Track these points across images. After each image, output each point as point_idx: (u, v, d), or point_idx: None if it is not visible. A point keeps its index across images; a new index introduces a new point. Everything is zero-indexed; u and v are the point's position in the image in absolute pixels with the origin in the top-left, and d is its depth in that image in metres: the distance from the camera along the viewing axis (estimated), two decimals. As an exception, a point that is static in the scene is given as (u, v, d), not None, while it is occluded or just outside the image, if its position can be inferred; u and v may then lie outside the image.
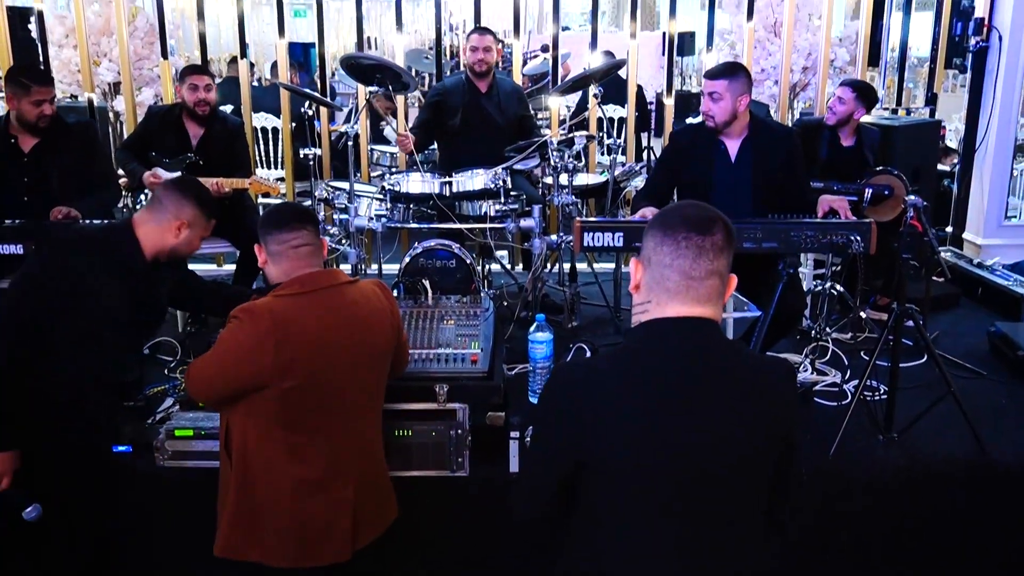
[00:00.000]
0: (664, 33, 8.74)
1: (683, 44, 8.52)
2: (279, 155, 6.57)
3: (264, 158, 6.61)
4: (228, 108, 5.72)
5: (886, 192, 4.04)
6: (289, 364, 2.24)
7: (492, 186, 4.14)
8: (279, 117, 6.24)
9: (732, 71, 3.62)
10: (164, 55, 5.50)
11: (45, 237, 2.73)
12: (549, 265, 4.74)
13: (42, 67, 5.39)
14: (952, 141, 6.95)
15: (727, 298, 1.75)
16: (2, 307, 2.55)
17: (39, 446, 2.55)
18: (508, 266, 5.29)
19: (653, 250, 1.68)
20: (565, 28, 10.02)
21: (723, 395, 1.63)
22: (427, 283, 3.49)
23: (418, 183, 4.18)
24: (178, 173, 4.26)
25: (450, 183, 4.17)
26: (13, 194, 3.87)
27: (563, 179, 4.27)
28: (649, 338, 1.68)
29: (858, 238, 3.25)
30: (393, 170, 5.59)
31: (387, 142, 6.59)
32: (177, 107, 4.44)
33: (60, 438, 2.60)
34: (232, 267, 5.38)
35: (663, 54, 8.94)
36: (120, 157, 4.43)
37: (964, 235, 5.76)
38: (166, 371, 3.88)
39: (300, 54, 8.21)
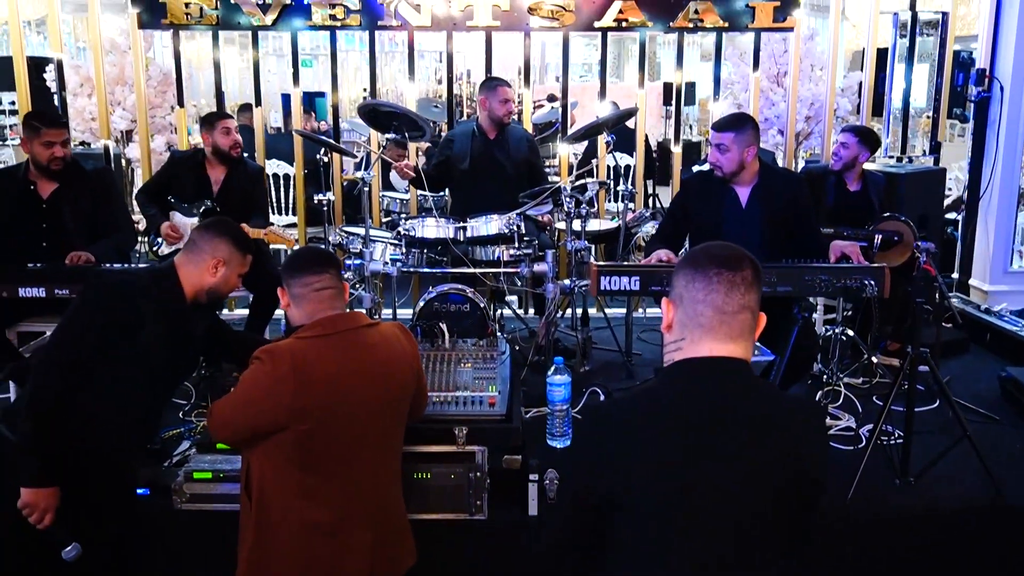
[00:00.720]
0: (664, 83, 8.93)
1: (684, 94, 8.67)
2: (290, 201, 6.64)
3: (276, 204, 6.68)
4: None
5: (895, 238, 4.09)
6: (307, 406, 2.26)
7: (507, 231, 4.18)
8: (290, 164, 6.35)
9: (739, 123, 3.68)
10: (180, 103, 5.59)
11: (93, 279, 2.74)
12: (560, 310, 4.77)
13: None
14: (952, 189, 7.04)
15: (757, 335, 1.77)
16: (52, 348, 2.57)
17: (67, 484, 2.54)
18: (519, 311, 5.32)
19: (685, 288, 1.72)
20: (559, 79, 10.16)
21: (753, 436, 1.64)
22: (444, 326, 3.52)
23: (433, 228, 4.23)
24: (196, 219, 4.32)
25: (465, 228, 4.22)
26: (32, 239, 3.92)
27: (575, 225, 4.32)
28: (682, 378, 1.71)
29: (872, 282, 3.29)
30: (403, 216, 5.67)
31: (395, 189, 6.67)
32: (199, 153, 4.51)
33: (85, 477, 2.60)
34: (243, 311, 5.43)
35: (663, 104, 9.14)
36: (140, 201, 4.50)
37: (970, 281, 5.81)
38: (180, 415, 3.89)
39: (305, 103, 8.34)
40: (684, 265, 1.75)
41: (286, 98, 7.71)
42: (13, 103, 6.11)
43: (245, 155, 4.62)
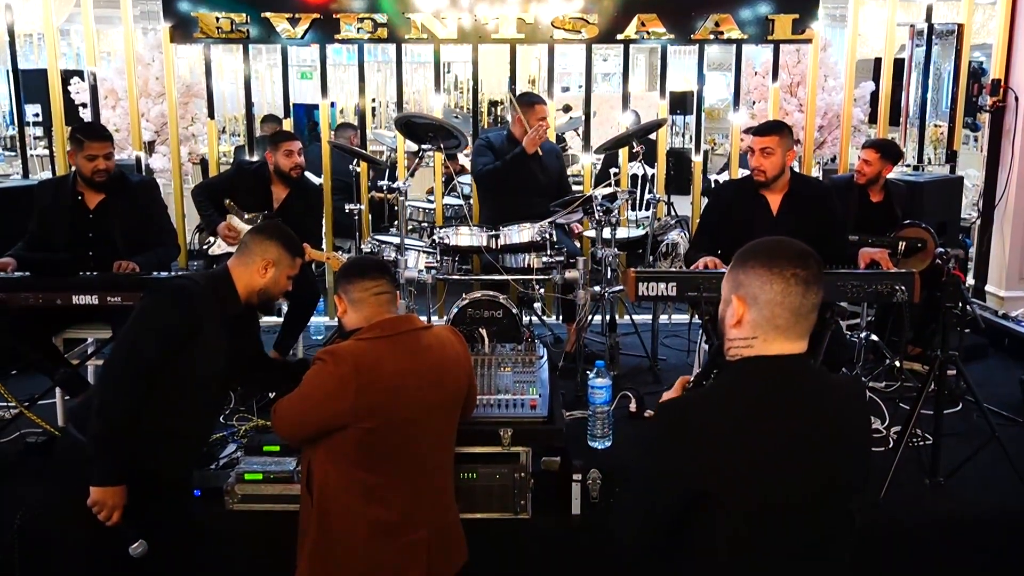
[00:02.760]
0: (671, 93, 9.02)
1: (686, 103, 8.78)
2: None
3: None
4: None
5: (919, 245, 4.19)
6: (368, 405, 2.34)
7: (539, 239, 4.28)
8: (316, 174, 6.45)
9: (781, 127, 3.79)
10: (211, 115, 5.70)
11: (153, 285, 2.81)
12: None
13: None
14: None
15: None
16: (120, 354, 2.63)
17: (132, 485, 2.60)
18: (544, 317, 5.41)
19: (760, 288, 1.71)
20: (565, 89, 10.31)
21: (829, 427, 1.70)
22: (484, 332, 3.60)
23: (467, 236, 4.33)
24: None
25: (497, 236, 4.31)
26: (79, 248, 4.01)
27: (606, 232, 4.42)
28: (758, 376, 1.72)
29: (902, 288, 3.37)
30: (426, 224, 5.77)
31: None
32: (265, 168, 4.63)
33: (147, 480, 2.66)
34: (272, 318, 5.51)
35: (669, 113, 9.25)
36: (198, 199, 4.60)
37: (986, 288, 5.91)
38: (222, 419, 3.97)
39: (304, 115, 8.39)
40: (755, 264, 1.73)
41: (296, 108, 7.82)
42: (37, 115, 6.20)
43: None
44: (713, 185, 7.07)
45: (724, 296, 1.82)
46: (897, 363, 4.39)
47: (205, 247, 4.55)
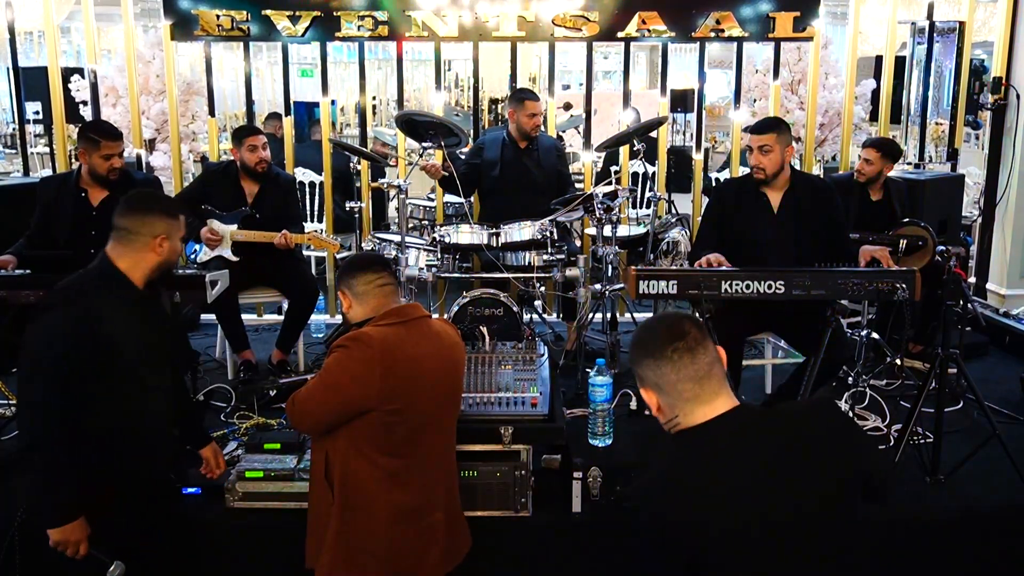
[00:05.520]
0: (672, 91, 9.01)
1: (686, 101, 8.76)
2: (314, 209, 6.75)
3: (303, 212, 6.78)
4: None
5: (920, 243, 4.19)
6: (394, 388, 2.40)
7: (540, 237, 4.28)
8: (314, 171, 6.46)
9: (778, 125, 3.78)
10: (212, 113, 5.69)
11: (41, 303, 2.61)
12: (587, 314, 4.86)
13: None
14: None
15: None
16: (35, 377, 2.47)
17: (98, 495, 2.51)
18: (544, 315, 5.41)
19: (656, 376, 1.80)
20: (566, 87, 10.28)
21: (795, 463, 1.72)
22: (484, 330, 3.60)
23: (468, 234, 4.33)
24: (235, 226, 4.41)
25: (498, 234, 4.31)
26: (81, 246, 3.99)
27: (607, 231, 4.41)
28: (697, 443, 1.77)
29: (903, 286, 3.37)
30: (427, 222, 5.78)
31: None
32: (232, 165, 4.61)
33: (127, 482, 2.60)
34: (271, 316, 5.55)
35: (670, 111, 9.24)
36: None
37: (987, 286, 5.91)
38: (222, 416, 3.99)
39: (304, 113, 8.38)
40: (641, 355, 1.82)
41: (297, 106, 7.80)
42: (37, 112, 6.20)
43: (273, 164, 4.69)
44: (714, 183, 7.06)
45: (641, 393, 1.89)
46: (898, 361, 4.39)
47: (191, 256, 4.54)
